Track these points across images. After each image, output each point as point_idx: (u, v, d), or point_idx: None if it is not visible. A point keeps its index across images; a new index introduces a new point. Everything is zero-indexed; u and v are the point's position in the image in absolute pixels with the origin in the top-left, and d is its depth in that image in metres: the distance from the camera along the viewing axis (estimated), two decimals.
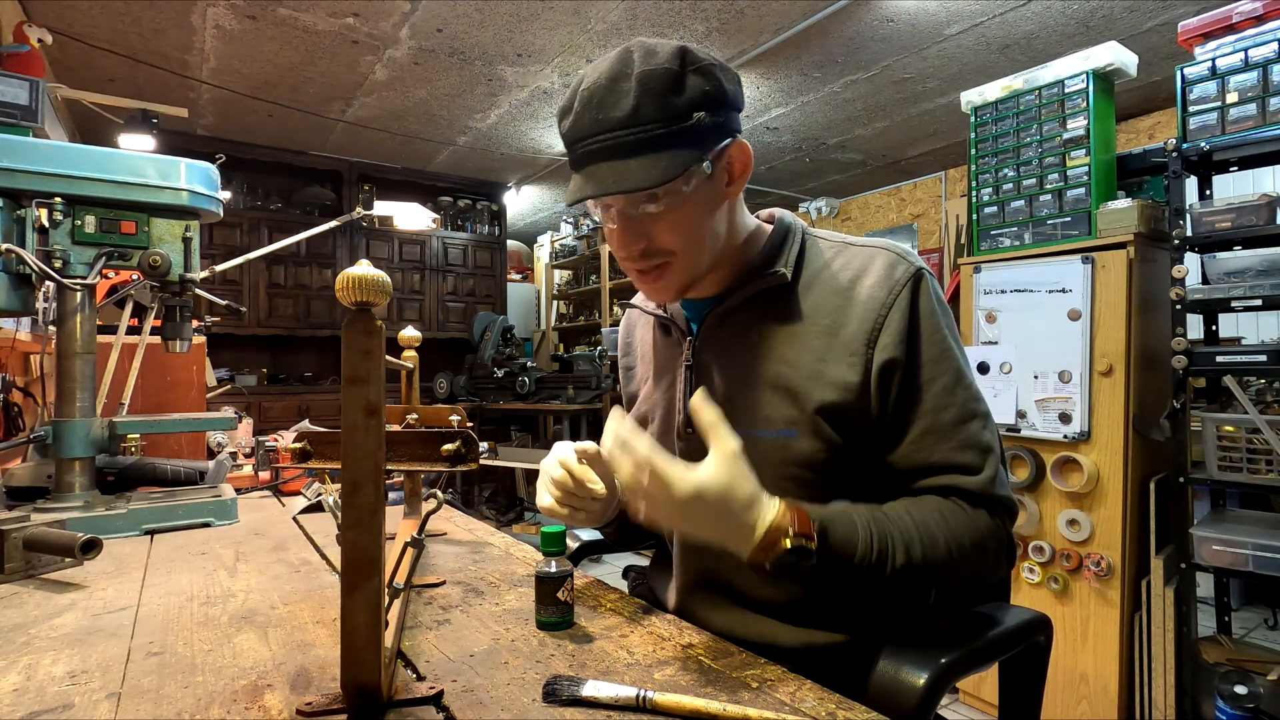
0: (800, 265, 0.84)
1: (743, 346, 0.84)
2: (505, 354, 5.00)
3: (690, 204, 0.78)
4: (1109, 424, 2.00)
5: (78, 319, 1.17)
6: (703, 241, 0.81)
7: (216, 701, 0.56)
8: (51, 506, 1.12)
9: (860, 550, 0.70)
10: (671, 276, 0.82)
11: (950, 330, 0.81)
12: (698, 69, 0.75)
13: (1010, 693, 0.87)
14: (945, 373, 0.78)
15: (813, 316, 0.81)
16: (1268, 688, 1.75)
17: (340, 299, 0.50)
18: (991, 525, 0.77)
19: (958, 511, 0.75)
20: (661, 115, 0.73)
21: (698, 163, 0.75)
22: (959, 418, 0.78)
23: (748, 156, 0.81)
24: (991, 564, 0.78)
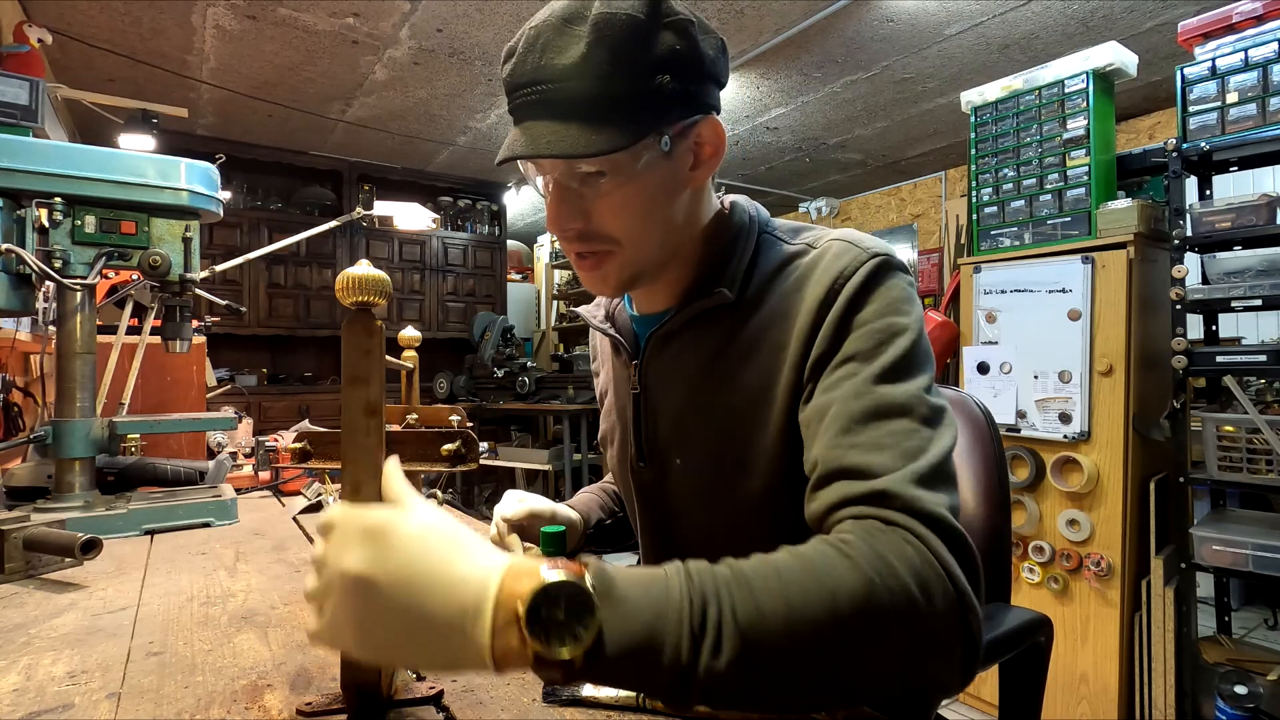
0: (750, 275, 0.71)
1: (688, 373, 0.73)
2: (505, 354, 5.00)
3: (641, 184, 0.65)
4: (1109, 424, 2.00)
5: (78, 319, 1.17)
6: (652, 232, 0.67)
7: (216, 701, 0.56)
8: (51, 506, 1.12)
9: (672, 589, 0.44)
10: (612, 267, 0.69)
11: (905, 324, 0.62)
12: (672, 23, 0.62)
13: (1010, 693, 0.87)
14: (877, 364, 0.59)
15: (760, 334, 0.68)
16: (1268, 688, 1.75)
17: (340, 299, 0.50)
18: (905, 543, 0.48)
19: (838, 539, 0.49)
20: (615, 71, 0.59)
21: (654, 135, 0.63)
22: (876, 410, 0.57)
23: (720, 138, 0.67)
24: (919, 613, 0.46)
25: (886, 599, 0.45)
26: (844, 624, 0.44)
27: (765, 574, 0.46)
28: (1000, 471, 0.97)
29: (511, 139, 0.64)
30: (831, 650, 0.44)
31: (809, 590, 0.45)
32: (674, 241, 0.70)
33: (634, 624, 0.42)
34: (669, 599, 0.43)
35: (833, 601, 0.45)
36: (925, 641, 0.46)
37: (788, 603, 0.44)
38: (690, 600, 0.43)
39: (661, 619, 0.42)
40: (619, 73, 0.60)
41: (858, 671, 0.45)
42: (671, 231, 0.69)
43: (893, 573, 0.46)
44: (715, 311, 0.71)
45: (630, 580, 0.44)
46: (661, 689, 0.43)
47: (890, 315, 0.62)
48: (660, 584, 0.44)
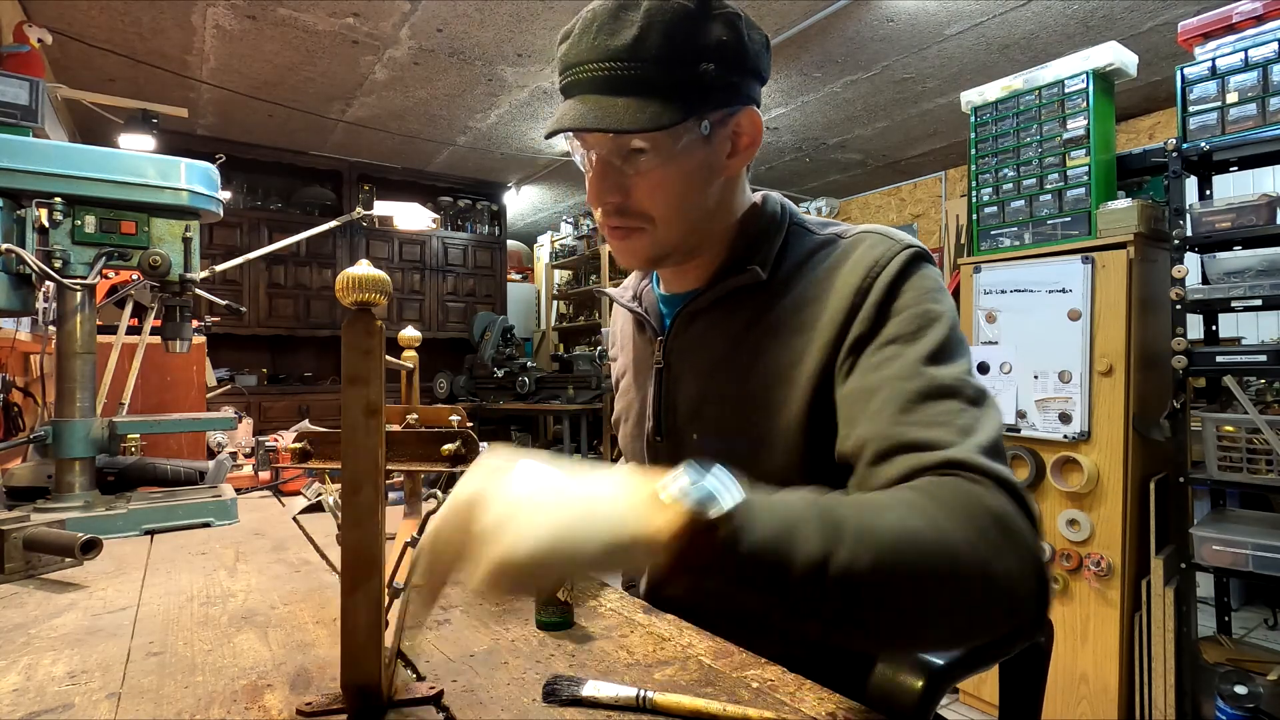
0: (781, 260, 0.74)
1: (712, 350, 0.76)
2: (505, 354, 5.00)
3: (679, 165, 0.68)
4: (1109, 424, 2.00)
5: (78, 319, 1.17)
6: (686, 212, 0.71)
7: (216, 701, 0.56)
8: (51, 506, 1.12)
9: (798, 508, 0.46)
10: (643, 242, 0.72)
11: (941, 308, 0.66)
12: (721, 15, 0.65)
13: (1011, 693, 0.86)
14: (923, 346, 0.62)
15: (788, 317, 0.71)
16: (1268, 688, 1.75)
17: (340, 299, 0.50)
18: (990, 495, 0.52)
19: (930, 485, 0.54)
20: (664, 56, 0.63)
21: (695, 119, 0.66)
22: (932, 391, 0.60)
23: (757, 129, 0.71)
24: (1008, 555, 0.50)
25: (977, 534, 0.49)
26: (950, 547, 0.48)
27: (877, 503, 0.51)
28: None
29: (561, 112, 0.67)
30: (935, 568, 0.48)
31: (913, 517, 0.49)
32: (705, 225, 0.73)
33: (772, 512, 0.45)
34: (801, 502, 0.47)
35: (934, 528, 0.49)
36: (1010, 572, 0.50)
37: (903, 524, 0.48)
38: (820, 507, 0.47)
39: (793, 516, 0.45)
40: (668, 56, 0.63)
41: (954, 593, 0.49)
42: (703, 215, 0.73)
43: (976, 515, 0.51)
44: (745, 291, 0.74)
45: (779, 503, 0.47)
46: (793, 582, 0.44)
47: (927, 302, 0.65)
48: (784, 494, 0.48)
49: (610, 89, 0.65)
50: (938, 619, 0.49)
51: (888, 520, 0.48)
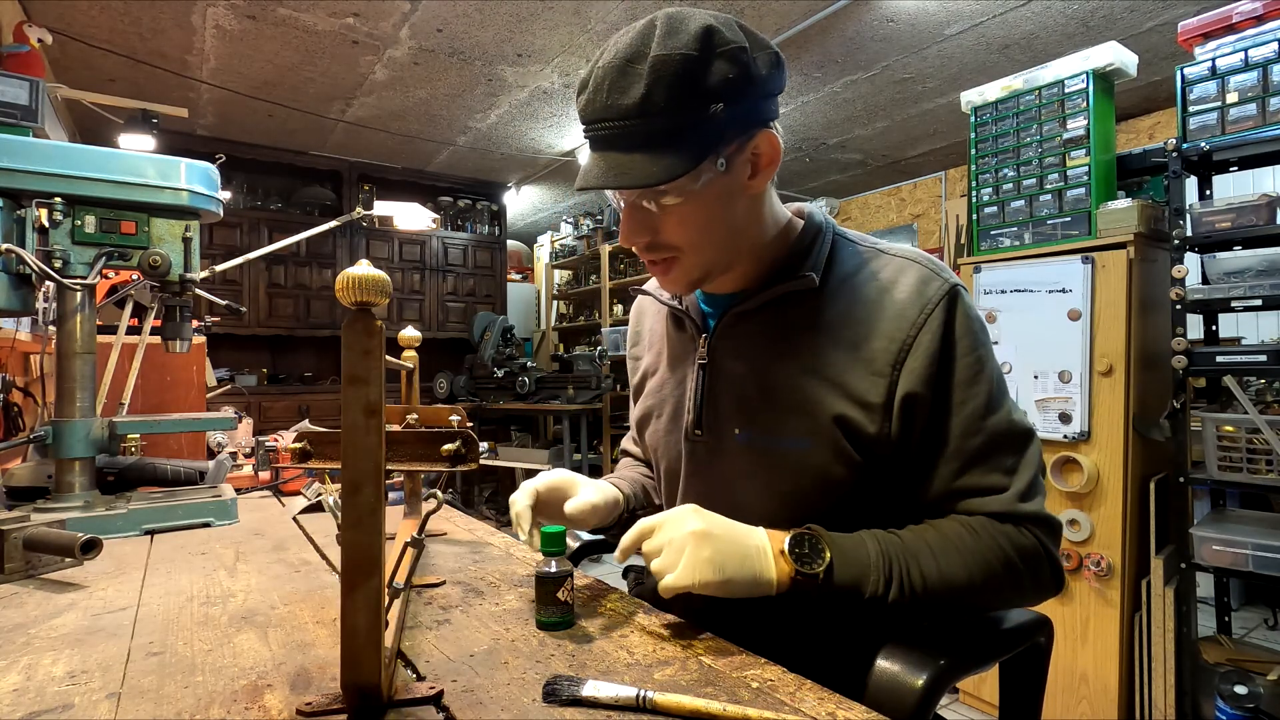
0: (829, 269, 0.78)
1: (761, 349, 0.79)
2: (505, 354, 5.00)
3: (701, 200, 0.72)
4: (1109, 424, 2.00)
5: (78, 319, 1.17)
6: (714, 238, 0.75)
7: (216, 701, 0.56)
8: (51, 506, 1.12)
9: (872, 559, 0.69)
10: (679, 271, 0.77)
11: (985, 349, 0.75)
12: (724, 53, 0.67)
13: (1011, 693, 0.86)
14: (976, 396, 0.74)
15: (837, 326, 0.76)
16: (1268, 688, 1.75)
17: (340, 299, 0.50)
18: (1022, 541, 0.72)
19: (981, 529, 0.72)
20: (673, 107, 0.66)
21: (710, 159, 0.69)
22: (989, 445, 0.73)
23: (775, 148, 0.73)
24: (1029, 586, 0.73)
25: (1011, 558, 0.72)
26: (991, 567, 0.71)
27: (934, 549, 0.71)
28: None
29: (586, 168, 0.73)
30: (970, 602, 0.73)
31: (956, 567, 0.70)
32: (736, 243, 0.77)
33: (852, 568, 0.69)
34: (870, 555, 0.70)
35: (969, 576, 0.71)
36: (1033, 585, 0.74)
37: (943, 573, 0.70)
38: (884, 558, 0.70)
39: (865, 566, 0.69)
40: (675, 107, 0.66)
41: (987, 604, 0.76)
42: (733, 234, 0.76)
43: (1015, 546, 0.72)
44: (795, 296, 0.78)
45: (843, 539, 0.71)
46: (862, 606, 0.69)
47: (978, 347, 0.75)
48: (864, 545, 0.71)
49: (625, 145, 0.69)
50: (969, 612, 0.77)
51: (931, 567, 0.70)
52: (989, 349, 0.76)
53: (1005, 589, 0.72)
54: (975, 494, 0.74)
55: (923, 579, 0.69)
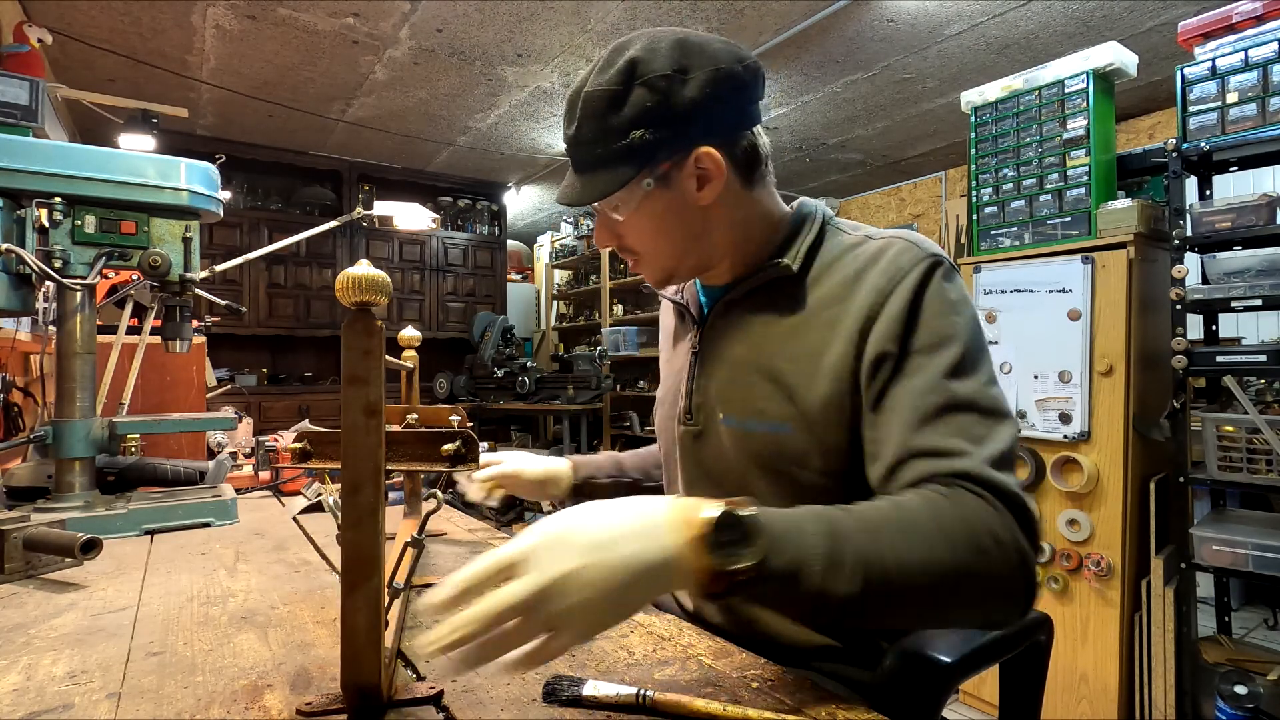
0: (813, 256, 0.81)
1: (744, 337, 0.82)
2: (505, 354, 5.00)
3: (645, 213, 0.79)
4: (1109, 424, 2.00)
5: (78, 319, 1.17)
6: (666, 246, 0.82)
7: (216, 701, 0.56)
8: (51, 506, 1.12)
9: (810, 538, 0.56)
10: (645, 269, 0.85)
11: (961, 320, 0.71)
12: (645, 82, 0.73)
13: (1010, 694, 0.86)
14: (941, 360, 0.68)
15: (817, 309, 0.77)
16: (1268, 688, 1.75)
17: (340, 299, 0.50)
18: (987, 512, 0.60)
19: (939, 496, 0.61)
20: (597, 137, 0.75)
21: (639, 179, 0.76)
22: (951, 405, 0.66)
23: (715, 163, 0.76)
24: (998, 571, 0.59)
25: (967, 558, 0.59)
26: (943, 569, 0.58)
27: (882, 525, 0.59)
28: None
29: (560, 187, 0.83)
30: (930, 587, 0.58)
31: (913, 544, 0.58)
32: (699, 246, 0.82)
33: (785, 554, 0.54)
34: (813, 536, 0.56)
35: (930, 553, 0.58)
36: (999, 586, 0.60)
37: (896, 551, 0.57)
38: (824, 545, 0.56)
39: (804, 550, 0.55)
40: (600, 138, 0.75)
41: (948, 604, 0.60)
42: (691, 240, 0.82)
43: (975, 534, 0.59)
44: (778, 283, 0.81)
45: (783, 520, 0.56)
46: (801, 607, 0.58)
47: (949, 314, 0.71)
48: (806, 525, 0.57)
49: (576, 167, 0.80)
50: (928, 620, 0.62)
51: (886, 552, 0.57)
52: (967, 322, 0.72)
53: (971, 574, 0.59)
54: (933, 455, 0.65)
55: (869, 566, 0.56)
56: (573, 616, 0.50)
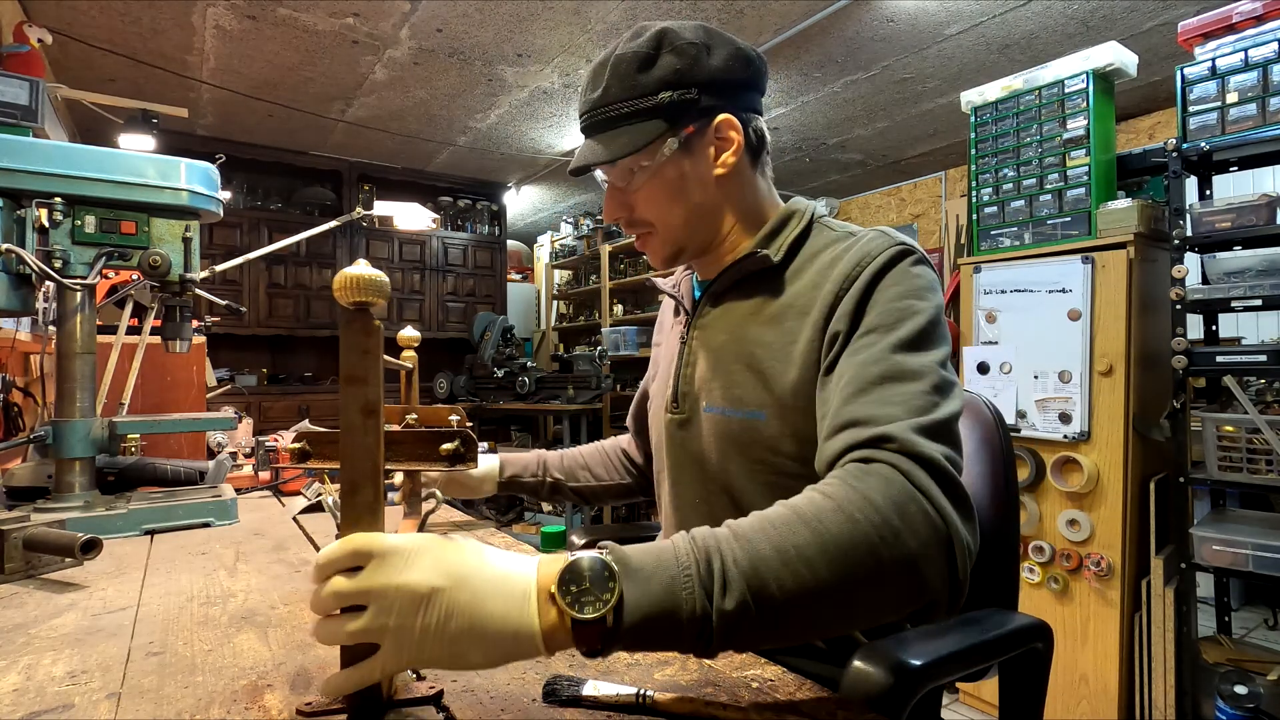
0: (797, 250, 0.83)
1: (726, 327, 0.84)
2: (505, 354, 4.99)
3: (664, 178, 0.81)
4: (1109, 424, 2.00)
5: (78, 319, 1.17)
6: (680, 215, 0.83)
7: (216, 701, 0.56)
8: (51, 506, 1.12)
9: (680, 560, 0.51)
10: (654, 243, 0.86)
11: (923, 306, 0.70)
12: (675, 48, 0.77)
13: (1011, 694, 0.86)
14: (894, 336, 0.67)
15: (794, 299, 0.79)
16: (1268, 688, 1.75)
17: (338, 299, 0.50)
18: (898, 480, 0.56)
19: (842, 476, 0.58)
20: (626, 95, 0.78)
21: (663, 138, 0.78)
22: (892, 375, 0.64)
23: (735, 130, 0.80)
24: (907, 542, 0.54)
25: (869, 531, 0.53)
26: (833, 558, 0.52)
27: (759, 525, 0.54)
28: (1009, 474, 0.96)
29: (576, 153, 0.83)
30: (826, 582, 0.52)
31: (799, 533, 0.53)
32: (706, 223, 0.84)
33: (653, 586, 0.49)
34: (679, 561, 0.51)
35: (820, 541, 0.53)
36: (910, 565, 0.54)
37: (779, 546, 0.52)
38: (697, 558, 0.51)
39: (675, 580, 0.50)
40: (628, 96, 0.78)
41: (853, 597, 0.53)
42: (701, 213, 0.83)
43: (873, 507, 0.54)
44: (760, 275, 0.83)
45: (643, 552, 0.51)
46: (688, 640, 0.50)
47: (909, 297, 0.71)
48: (669, 551, 0.52)
49: (597, 131, 0.81)
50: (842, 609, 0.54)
51: (770, 549, 0.52)
52: (929, 307, 0.70)
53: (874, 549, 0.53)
54: (858, 425, 0.62)
55: (764, 556, 0.51)
56: (392, 633, 0.46)
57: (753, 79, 0.82)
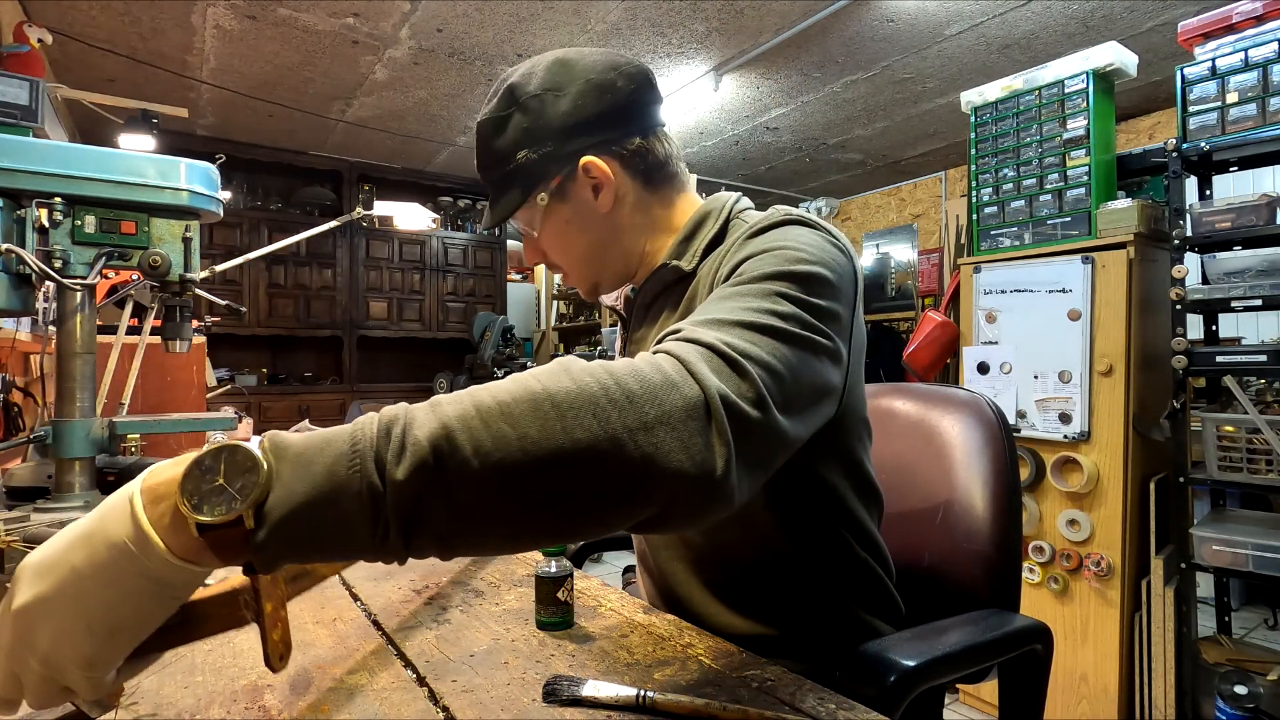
0: (711, 250, 0.80)
1: (653, 335, 0.83)
2: (505, 354, 4.99)
3: (551, 227, 0.82)
4: (1109, 424, 2.00)
5: (78, 319, 1.17)
6: (581, 255, 0.85)
7: (216, 701, 0.56)
8: (51, 506, 1.12)
9: (359, 427, 0.42)
10: (574, 281, 0.89)
11: (793, 247, 0.63)
12: (520, 105, 0.78)
13: (1011, 694, 0.86)
14: (748, 293, 0.58)
15: (703, 293, 0.78)
16: (1268, 688, 1.75)
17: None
18: (662, 355, 0.49)
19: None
20: (490, 162, 0.81)
21: (531, 197, 0.80)
22: (731, 319, 0.54)
23: (600, 170, 0.79)
24: (650, 417, 0.43)
25: (596, 393, 0.43)
26: (546, 416, 0.42)
27: (464, 391, 0.45)
28: (1011, 474, 0.95)
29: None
30: (535, 443, 0.41)
31: (508, 390, 0.43)
32: (613, 252, 0.85)
33: (314, 466, 0.39)
34: (351, 435, 0.41)
35: (532, 397, 0.42)
36: (645, 431, 0.43)
37: (480, 403, 0.42)
38: (376, 432, 0.41)
39: (341, 454, 0.40)
40: (493, 162, 0.81)
41: (570, 468, 0.42)
42: (605, 247, 0.84)
43: (608, 372, 0.45)
44: (675, 283, 0.83)
45: (312, 435, 0.41)
46: (361, 531, 0.39)
47: (782, 241, 0.65)
48: (346, 429, 0.42)
49: (489, 195, 0.85)
50: (548, 499, 0.42)
51: (466, 409, 0.42)
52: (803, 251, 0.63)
53: (603, 410, 0.43)
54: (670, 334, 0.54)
55: (416, 428, 0.41)
56: (49, 664, 0.40)
57: (614, 105, 0.78)
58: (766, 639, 0.77)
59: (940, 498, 0.99)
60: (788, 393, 0.52)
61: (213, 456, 0.39)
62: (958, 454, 1.00)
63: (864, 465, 0.80)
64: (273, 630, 0.47)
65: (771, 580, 0.79)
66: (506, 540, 0.44)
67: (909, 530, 1.00)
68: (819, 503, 0.77)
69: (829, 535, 0.78)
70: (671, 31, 3.08)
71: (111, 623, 0.40)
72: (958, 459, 0.99)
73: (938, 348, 2.73)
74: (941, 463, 1.01)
